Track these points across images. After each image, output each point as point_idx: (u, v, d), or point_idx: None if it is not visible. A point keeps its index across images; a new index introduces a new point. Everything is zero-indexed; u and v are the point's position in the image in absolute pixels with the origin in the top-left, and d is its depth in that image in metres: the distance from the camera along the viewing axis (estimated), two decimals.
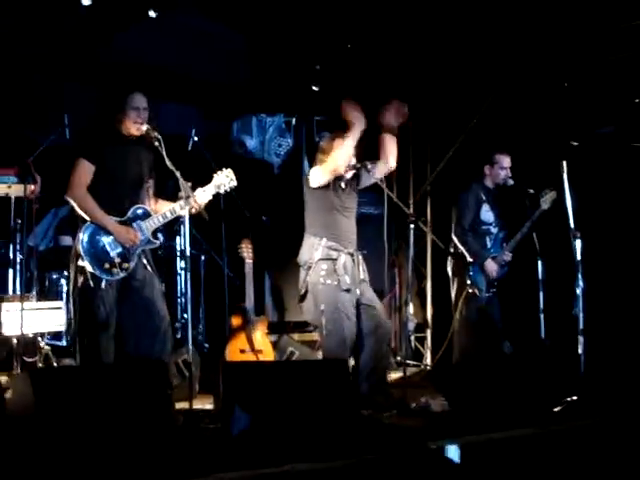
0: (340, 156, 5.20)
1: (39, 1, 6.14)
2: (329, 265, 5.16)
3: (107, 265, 4.67)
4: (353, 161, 5.31)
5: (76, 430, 3.50)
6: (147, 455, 3.64)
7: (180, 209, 4.75)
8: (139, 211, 4.82)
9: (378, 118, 5.35)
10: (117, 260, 4.69)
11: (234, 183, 4.99)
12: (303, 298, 5.25)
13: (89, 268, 4.63)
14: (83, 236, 4.66)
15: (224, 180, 4.95)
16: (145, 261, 4.84)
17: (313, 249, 5.20)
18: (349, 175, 5.35)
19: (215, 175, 4.97)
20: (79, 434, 3.50)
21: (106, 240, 4.69)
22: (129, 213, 4.78)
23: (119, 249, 4.71)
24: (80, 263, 4.65)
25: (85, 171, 4.70)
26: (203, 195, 4.90)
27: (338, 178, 5.30)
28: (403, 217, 5.72)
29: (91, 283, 4.61)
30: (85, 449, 3.50)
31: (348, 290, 5.15)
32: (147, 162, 4.90)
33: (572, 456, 4.38)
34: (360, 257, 5.35)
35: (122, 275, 4.70)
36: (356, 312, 5.18)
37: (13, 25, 6.21)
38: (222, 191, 4.98)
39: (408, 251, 5.60)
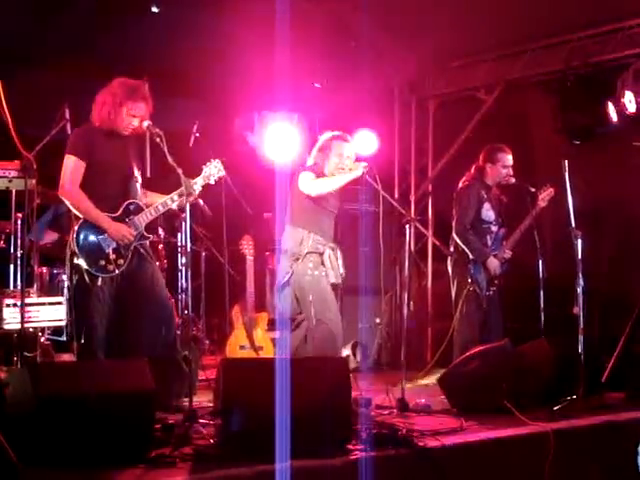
0: (332, 186, 5.32)
1: None
2: (316, 258, 5.30)
3: (102, 262, 4.64)
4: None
5: (74, 424, 3.51)
6: (145, 451, 3.65)
7: (172, 202, 4.75)
8: (131, 206, 4.78)
9: None
10: (112, 256, 4.66)
11: (222, 173, 4.98)
12: (283, 288, 5.32)
13: (84, 266, 4.61)
14: (77, 234, 4.63)
15: (212, 171, 4.95)
16: (144, 252, 4.81)
17: (302, 241, 5.30)
18: None
19: (204, 167, 4.97)
20: (77, 428, 3.51)
21: (100, 237, 4.66)
22: (122, 209, 4.74)
23: (114, 245, 4.68)
24: (75, 261, 4.63)
25: (76, 168, 4.67)
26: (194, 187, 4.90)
27: None
28: (404, 215, 5.73)
29: (87, 280, 4.60)
30: (83, 442, 3.51)
31: (333, 284, 5.29)
32: (134, 154, 4.87)
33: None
34: (339, 252, 5.43)
35: (117, 272, 4.67)
36: None
37: (15, 17, 6.20)
38: (212, 181, 4.98)
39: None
